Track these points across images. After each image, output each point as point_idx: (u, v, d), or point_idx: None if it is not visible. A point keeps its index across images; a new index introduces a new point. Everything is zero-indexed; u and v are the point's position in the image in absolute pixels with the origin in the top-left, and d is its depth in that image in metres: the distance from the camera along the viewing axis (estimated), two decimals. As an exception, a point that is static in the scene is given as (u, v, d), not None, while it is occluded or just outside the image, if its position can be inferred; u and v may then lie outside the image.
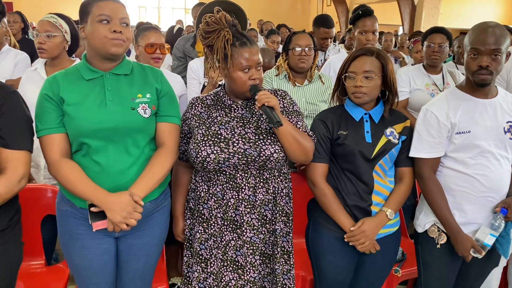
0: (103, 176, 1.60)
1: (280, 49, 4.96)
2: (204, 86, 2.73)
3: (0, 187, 1.45)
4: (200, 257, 1.80)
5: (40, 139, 1.61)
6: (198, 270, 1.81)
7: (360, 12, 2.97)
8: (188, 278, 1.86)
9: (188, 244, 1.88)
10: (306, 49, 2.55)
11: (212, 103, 1.82)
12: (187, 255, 1.88)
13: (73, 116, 1.58)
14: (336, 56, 3.34)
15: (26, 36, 4.88)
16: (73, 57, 2.61)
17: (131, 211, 1.55)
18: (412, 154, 1.86)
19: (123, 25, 1.60)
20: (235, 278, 1.77)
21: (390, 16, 12.08)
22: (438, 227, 1.90)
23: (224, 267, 1.77)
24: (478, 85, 1.78)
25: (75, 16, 2.53)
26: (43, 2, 12.08)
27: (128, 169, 1.63)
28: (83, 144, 1.60)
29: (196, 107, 1.82)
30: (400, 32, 10.79)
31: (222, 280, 1.77)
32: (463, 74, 3.37)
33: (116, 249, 1.76)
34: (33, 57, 3.63)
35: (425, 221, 1.94)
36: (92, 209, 1.56)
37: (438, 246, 1.90)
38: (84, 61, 1.66)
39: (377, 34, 2.99)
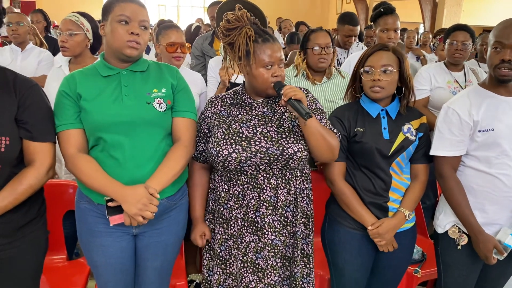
0: (120, 171, 1.61)
1: None
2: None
3: (31, 178, 1.51)
4: (221, 258, 1.80)
5: (58, 134, 1.63)
6: (218, 272, 1.81)
7: (382, 9, 2.93)
8: (209, 282, 1.86)
9: (208, 246, 1.87)
10: (326, 48, 2.52)
11: (232, 101, 1.80)
12: (207, 258, 1.88)
13: (89, 110, 1.61)
14: (357, 53, 3.30)
15: (49, 34, 4.96)
16: (96, 55, 2.65)
17: (147, 203, 1.54)
18: (432, 152, 1.83)
19: (142, 28, 1.62)
20: (255, 281, 1.75)
21: (411, 14, 11.91)
22: (459, 228, 1.87)
23: (244, 269, 1.76)
24: (499, 81, 1.74)
25: (96, 14, 2.57)
26: (64, 1, 12.28)
27: (145, 163, 1.64)
28: (100, 138, 1.62)
29: (216, 106, 1.80)
30: (421, 29, 10.64)
31: (242, 282, 1.76)
32: (486, 72, 3.31)
33: (134, 247, 1.77)
34: (56, 55, 3.70)
35: (445, 221, 1.91)
36: (109, 203, 1.57)
37: (459, 247, 1.86)
38: (102, 60, 1.69)
39: (399, 32, 2.95)
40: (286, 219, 1.75)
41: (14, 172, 1.52)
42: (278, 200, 1.72)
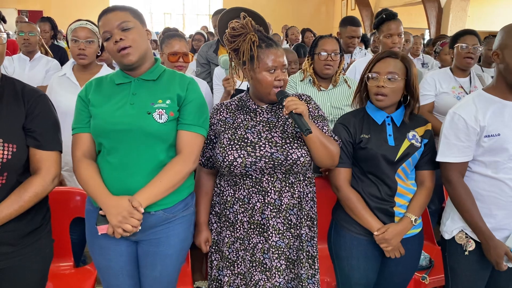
0: (114, 179, 1.63)
1: None
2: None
3: (37, 186, 1.53)
4: (229, 260, 1.82)
5: (72, 137, 1.70)
6: (227, 274, 1.83)
7: (384, 16, 2.94)
8: (219, 282, 1.88)
9: (216, 247, 1.89)
10: (332, 54, 2.53)
11: (236, 108, 1.84)
12: (216, 259, 1.89)
13: (94, 116, 1.65)
14: (362, 59, 3.31)
15: (55, 42, 4.97)
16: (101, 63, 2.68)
17: (127, 216, 1.52)
18: (439, 159, 1.83)
19: (124, 30, 1.60)
20: (263, 279, 1.77)
21: (416, 20, 11.89)
22: (466, 234, 1.86)
23: (253, 268, 1.78)
24: None
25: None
26: (72, 10, 12.41)
27: (139, 174, 1.62)
28: (101, 144, 1.66)
29: (221, 113, 1.84)
30: (427, 35, 10.63)
31: (252, 280, 1.78)
32: (492, 77, 3.29)
33: (136, 253, 1.77)
34: (62, 63, 3.74)
35: (452, 227, 1.90)
36: (101, 212, 1.59)
37: (466, 253, 1.85)
38: (120, 69, 1.72)
39: (403, 37, 2.96)
40: (290, 222, 1.77)
41: (19, 180, 1.53)
42: (282, 203, 1.74)
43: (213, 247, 1.90)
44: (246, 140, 1.73)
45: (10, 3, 13.47)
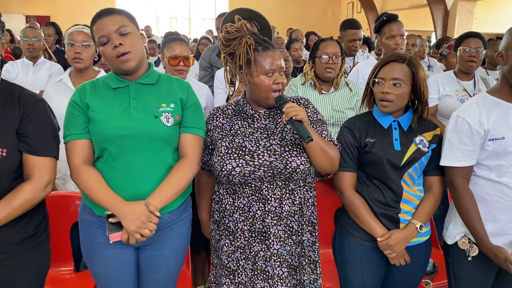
0: (122, 184, 1.60)
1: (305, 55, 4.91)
2: (228, 97, 2.74)
3: (27, 193, 1.49)
4: (229, 269, 1.80)
5: (66, 145, 1.63)
6: (227, 283, 1.80)
7: (385, 18, 2.93)
8: (219, 286, 1.86)
9: (215, 254, 1.87)
10: (334, 57, 2.51)
11: (233, 113, 1.80)
12: (215, 265, 1.88)
13: (97, 121, 1.60)
14: (365, 62, 3.29)
15: (60, 47, 5.00)
16: (98, 69, 2.67)
17: (145, 221, 1.53)
18: (443, 162, 1.80)
19: (122, 35, 1.58)
20: (266, 287, 1.75)
21: (422, 22, 11.85)
22: (469, 239, 1.83)
23: (255, 276, 1.76)
24: None
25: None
26: (79, 15, 12.49)
27: (148, 178, 1.62)
28: (105, 150, 1.62)
29: (218, 118, 1.80)
30: (433, 38, 10.58)
31: None
32: (496, 79, 3.26)
33: (137, 259, 1.76)
34: (67, 68, 3.74)
35: (455, 232, 1.87)
36: (111, 219, 1.56)
37: (470, 258, 1.82)
38: (113, 73, 1.69)
39: (405, 38, 2.94)
40: (291, 229, 1.75)
41: (12, 186, 1.50)
42: (283, 211, 1.72)
43: (215, 253, 1.89)
44: (244, 149, 1.70)
45: (18, 9, 13.61)
